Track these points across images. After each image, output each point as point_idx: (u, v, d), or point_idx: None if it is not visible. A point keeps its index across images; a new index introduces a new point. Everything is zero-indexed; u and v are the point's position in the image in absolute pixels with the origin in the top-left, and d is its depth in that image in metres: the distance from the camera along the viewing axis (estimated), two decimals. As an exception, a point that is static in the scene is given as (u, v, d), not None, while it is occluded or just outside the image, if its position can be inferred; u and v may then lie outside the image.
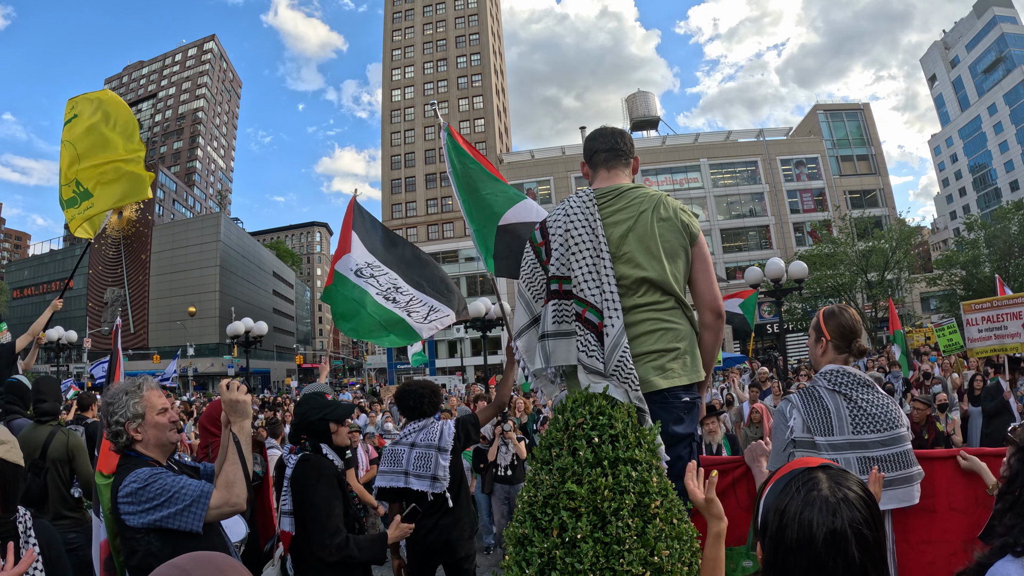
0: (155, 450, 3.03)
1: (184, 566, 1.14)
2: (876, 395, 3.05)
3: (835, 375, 3.11)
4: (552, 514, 2.08)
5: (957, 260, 47.92)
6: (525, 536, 2.13)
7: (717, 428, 8.36)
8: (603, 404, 2.25)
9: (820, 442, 2.97)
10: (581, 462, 2.10)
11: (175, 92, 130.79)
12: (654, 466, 2.18)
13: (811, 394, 3.11)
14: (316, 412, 4.12)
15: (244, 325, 22.97)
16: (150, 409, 3.04)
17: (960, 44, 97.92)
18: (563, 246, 3.02)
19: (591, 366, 2.79)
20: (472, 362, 59.45)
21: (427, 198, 79.32)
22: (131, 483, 2.80)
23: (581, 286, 2.92)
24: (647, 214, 3.06)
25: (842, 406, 3.01)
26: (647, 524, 2.04)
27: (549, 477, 2.15)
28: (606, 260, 2.94)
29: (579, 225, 3.03)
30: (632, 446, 2.15)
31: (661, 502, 2.10)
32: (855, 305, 47.13)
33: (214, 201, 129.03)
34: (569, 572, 1.98)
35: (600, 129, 3.42)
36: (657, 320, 2.99)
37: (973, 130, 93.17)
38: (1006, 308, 10.57)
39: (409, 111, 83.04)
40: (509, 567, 2.14)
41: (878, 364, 19.96)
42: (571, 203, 3.13)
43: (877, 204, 70.82)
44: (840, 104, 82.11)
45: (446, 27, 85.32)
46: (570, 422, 2.22)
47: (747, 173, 73.87)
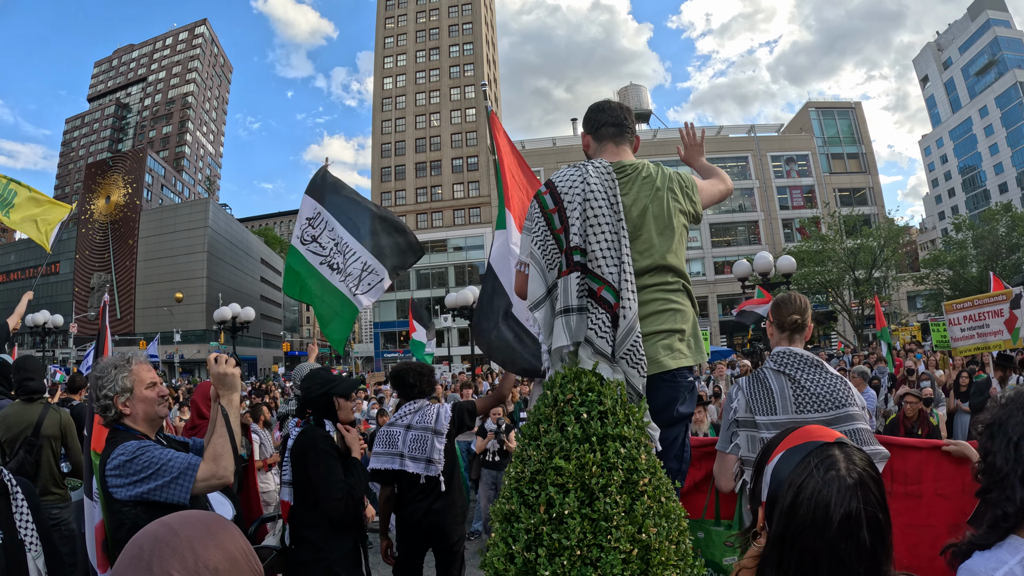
0: (144, 424, 3.02)
1: (172, 524, 1.15)
2: (822, 375, 3.07)
3: (781, 356, 3.17)
4: (539, 490, 2.06)
5: (944, 260, 48.23)
6: (512, 512, 2.11)
7: (704, 417, 8.41)
8: (592, 380, 2.23)
9: (761, 421, 3.03)
10: (569, 438, 2.08)
11: (165, 76, 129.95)
12: (643, 443, 2.17)
13: (757, 376, 3.18)
14: (320, 387, 4.14)
15: (231, 311, 22.93)
16: (139, 383, 3.03)
17: (953, 46, 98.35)
18: (582, 218, 2.87)
19: (600, 348, 2.69)
20: (459, 351, 59.46)
21: (416, 187, 79.24)
22: (119, 456, 2.79)
23: (599, 263, 2.78)
24: (662, 193, 3.03)
25: (786, 386, 3.07)
26: (635, 501, 2.02)
27: (537, 453, 2.13)
28: (625, 240, 2.84)
29: (599, 198, 2.88)
30: (621, 423, 2.13)
31: (649, 479, 2.08)
32: (841, 302, 47.38)
33: (203, 187, 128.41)
34: (556, 548, 1.96)
35: (606, 102, 3.34)
36: (666, 300, 2.98)
37: (964, 132, 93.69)
38: (987, 306, 10.63)
39: (400, 99, 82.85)
40: (496, 544, 2.12)
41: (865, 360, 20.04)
42: (589, 172, 2.96)
43: (866, 202, 71.11)
44: (832, 102, 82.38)
45: (439, 16, 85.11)
46: (559, 398, 2.20)
47: (737, 168, 74.03)
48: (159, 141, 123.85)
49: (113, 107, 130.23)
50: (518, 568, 2.00)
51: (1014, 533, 1.59)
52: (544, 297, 2.92)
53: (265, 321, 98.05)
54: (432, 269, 75.53)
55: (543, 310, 2.91)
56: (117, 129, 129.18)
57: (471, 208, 76.36)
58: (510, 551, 2.04)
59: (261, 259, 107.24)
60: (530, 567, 1.98)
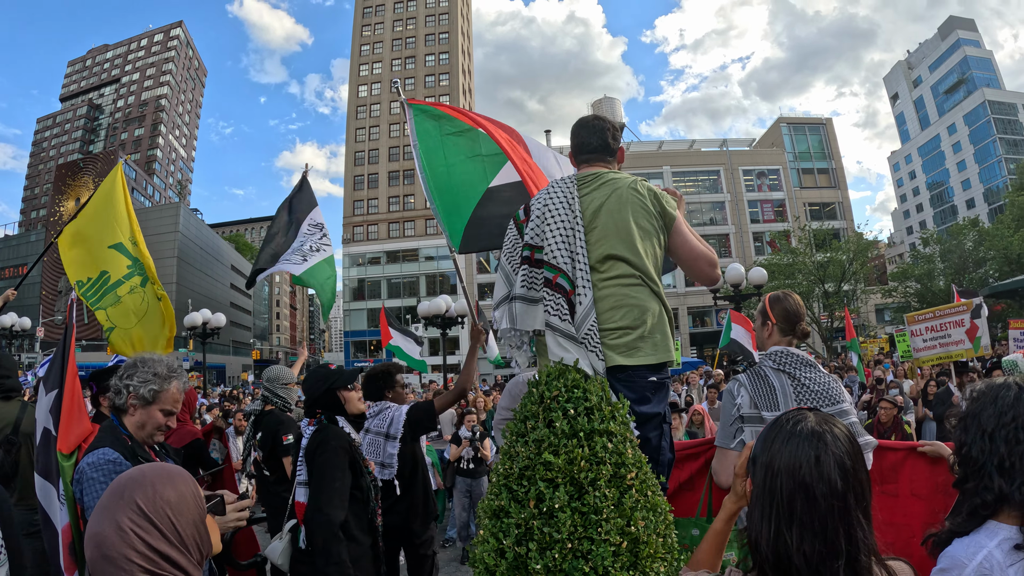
0: (135, 430, 2.99)
1: (144, 469, 1.67)
2: (818, 374, 3.17)
3: (780, 355, 3.22)
4: (529, 485, 2.09)
5: (912, 273, 48.79)
6: (501, 508, 2.13)
7: (679, 425, 8.47)
8: (577, 377, 2.26)
9: (767, 417, 3.06)
10: (557, 433, 2.11)
11: (139, 78, 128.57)
12: (628, 438, 2.20)
13: (758, 373, 3.22)
14: (320, 385, 4.12)
15: (202, 316, 22.69)
16: (160, 402, 3.02)
17: (923, 64, 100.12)
18: (539, 218, 3.08)
19: (563, 329, 2.83)
20: (432, 361, 59.20)
21: (389, 195, 78.99)
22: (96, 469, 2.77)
23: (554, 253, 2.96)
24: (621, 191, 3.10)
25: (786, 384, 3.13)
26: (623, 494, 2.06)
27: (525, 449, 2.16)
28: (580, 232, 2.99)
29: (556, 202, 3.09)
30: (607, 418, 2.17)
31: (636, 473, 2.12)
32: (811, 314, 47.81)
33: (174, 191, 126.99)
34: (547, 542, 1.98)
35: (592, 124, 3.41)
36: (623, 296, 3.00)
37: (932, 148, 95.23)
38: (948, 317, 10.81)
39: (375, 107, 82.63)
40: (485, 539, 2.13)
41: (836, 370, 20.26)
42: (553, 184, 3.21)
43: (836, 217, 71.96)
44: (803, 118, 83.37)
45: (416, 24, 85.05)
46: (545, 395, 2.23)
47: (709, 182, 74.68)
48: (131, 143, 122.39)
49: (85, 108, 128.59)
50: (509, 563, 2.02)
51: (992, 519, 1.67)
52: (505, 297, 3.14)
53: (235, 328, 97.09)
54: (404, 278, 75.32)
55: (502, 307, 3.15)
56: (89, 130, 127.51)
57: (444, 217, 76.21)
58: (500, 546, 2.06)
59: (231, 266, 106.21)
60: (521, 561, 2.00)
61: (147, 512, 1.54)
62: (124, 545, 1.49)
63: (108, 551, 1.49)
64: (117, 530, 1.50)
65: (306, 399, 4.17)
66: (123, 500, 1.54)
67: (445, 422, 12.53)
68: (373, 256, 77.84)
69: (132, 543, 1.50)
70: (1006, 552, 1.60)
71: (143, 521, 1.53)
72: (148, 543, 1.52)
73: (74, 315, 3.85)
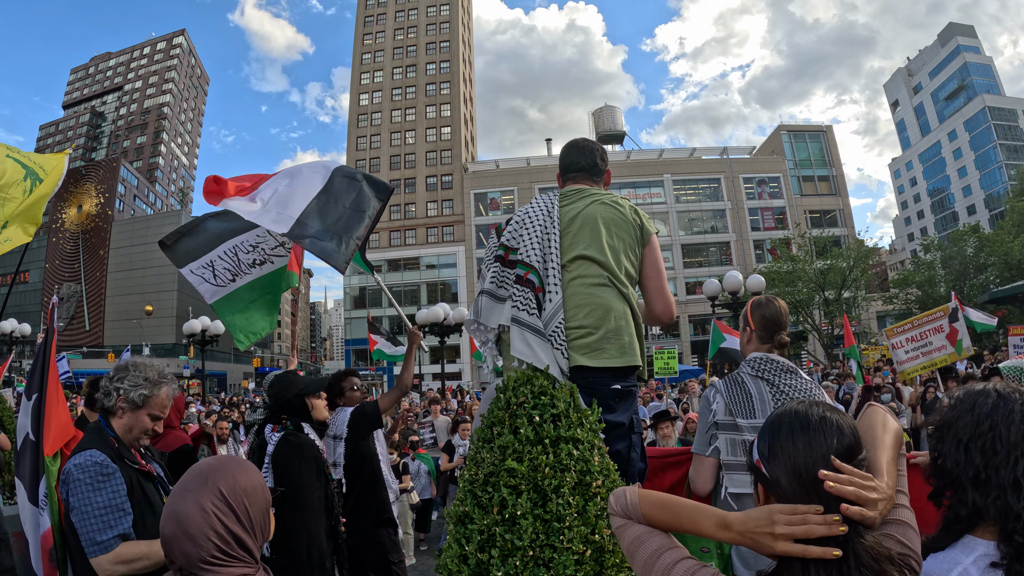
0: (122, 432, 3.00)
1: (221, 459, 1.85)
2: (798, 380, 3.12)
3: (758, 362, 3.18)
4: (492, 491, 2.07)
5: (913, 280, 48.75)
6: (465, 514, 2.12)
7: (671, 432, 8.41)
8: (544, 384, 2.25)
9: (742, 424, 3.04)
10: (522, 440, 2.10)
11: (142, 86, 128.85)
12: (596, 446, 2.19)
13: (735, 380, 3.19)
14: (290, 389, 4.17)
15: (201, 324, 22.68)
16: (148, 407, 3.03)
17: (923, 71, 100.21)
18: (519, 223, 3.12)
19: (531, 323, 2.84)
20: (430, 369, 59.18)
21: (390, 204, 78.95)
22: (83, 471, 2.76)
23: (527, 252, 2.99)
24: (598, 203, 3.14)
25: (765, 391, 3.09)
26: (588, 502, 2.04)
27: (490, 455, 2.14)
28: (555, 236, 3.02)
29: (537, 209, 3.13)
30: (574, 425, 2.15)
31: (603, 481, 2.10)
32: (812, 322, 47.74)
33: (176, 199, 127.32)
34: (509, 548, 1.97)
35: (581, 145, 3.45)
36: (588, 295, 2.99)
37: (933, 155, 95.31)
38: (927, 324, 10.72)
39: (376, 116, 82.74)
40: (449, 545, 2.13)
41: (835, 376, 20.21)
42: (536, 197, 3.24)
43: (836, 224, 71.88)
44: (803, 126, 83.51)
45: (417, 33, 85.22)
46: (512, 401, 2.22)
47: (710, 190, 74.70)
48: (133, 151, 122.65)
49: (88, 115, 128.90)
50: (471, 569, 2.01)
51: (969, 534, 1.60)
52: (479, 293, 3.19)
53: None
54: (404, 287, 75.26)
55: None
56: (91, 138, 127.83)
57: (444, 226, 76.25)
58: (464, 552, 2.05)
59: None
60: (483, 568, 1.99)
61: (227, 497, 1.71)
62: (205, 525, 1.66)
63: (190, 528, 1.66)
64: (200, 511, 1.67)
65: (273, 404, 4.19)
66: (207, 485, 1.71)
67: (440, 430, 12.51)
68: (374, 264, 77.69)
69: (212, 524, 1.67)
70: (982, 569, 1.53)
71: (223, 505, 1.70)
72: (226, 525, 1.69)
73: (55, 320, 3.84)
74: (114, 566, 2.67)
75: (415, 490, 9.43)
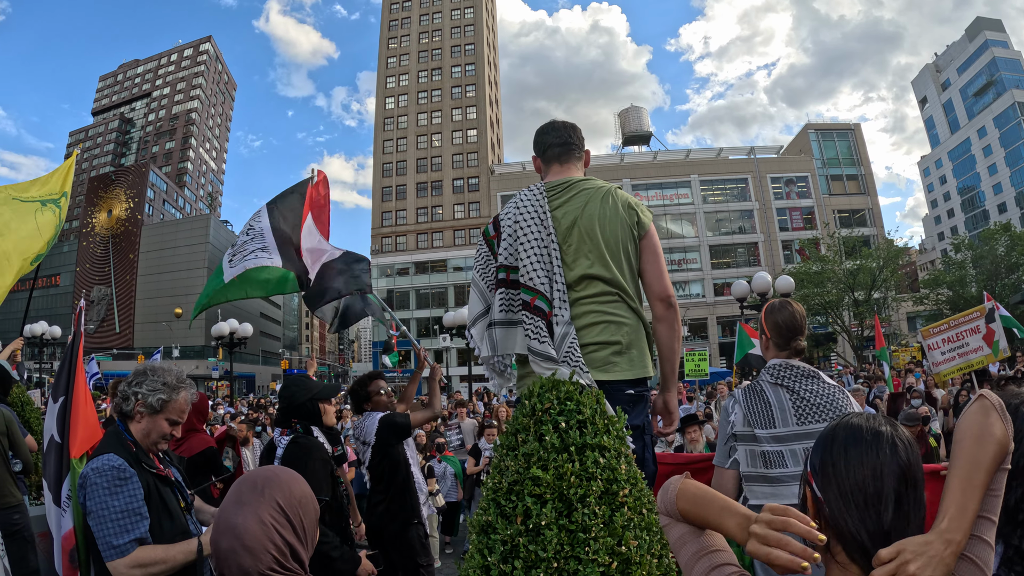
0: (140, 438, 3.00)
1: (275, 469, 1.88)
2: (820, 385, 3.03)
3: (778, 369, 3.11)
4: (516, 501, 2.02)
5: (944, 280, 48.18)
6: (489, 523, 2.07)
7: (699, 437, 8.32)
8: (571, 390, 2.19)
9: (760, 435, 2.97)
10: (547, 447, 2.04)
11: (169, 92, 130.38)
12: (623, 453, 2.12)
13: (753, 389, 3.12)
14: (304, 393, 4.21)
15: (229, 326, 22.93)
16: (167, 411, 3.03)
17: (951, 67, 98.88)
18: (511, 236, 3.07)
19: (544, 352, 2.81)
20: (458, 372, 59.26)
21: (418, 207, 79.33)
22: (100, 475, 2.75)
23: (530, 275, 2.95)
24: (593, 205, 3.08)
25: (785, 399, 3.01)
26: (615, 512, 1.97)
27: (514, 463, 2.09)
28: (555, 252, 2.98)
29: (528, 217, 3.06)
30: (600, 432, 2.09)
31: (630, 490, 2.04)
32: (841, 323, 47.29)
33: (204, 203, 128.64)
34: (533, 560, 1.91)
35: (551, 123, 3.42)
36: (600, 312, 2.98)
37: (962, 152, 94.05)
38: (964, 325, 10.53)
39: (403, 119, 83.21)
40: (472, 555, 2.07)
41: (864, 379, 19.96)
42: (522, 196, 3.17)
43: (866, 224, 71.25)
44: (831, 124, 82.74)
45: (442, 36, 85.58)
46: (537, 407, 2.16)
47: (737, 190, 74.29)
48: (162, 156, 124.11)
49: (117, 121, 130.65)
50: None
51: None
52: (481, 314, 3.15)
53: (264, 338, 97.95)
54: (432, 289, 75.51)
55: (479, 326, 3.15)
56: (120, 143, 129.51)
57: (471, 228, 76.44)
58: (486, 563, 2.00)
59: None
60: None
61: (284, 508, 1.74)
62: (265, 537, 1.68)
63: (249, 541, 1.66)
64: (259, 523, 1.68)
65: (285, 406, 4.20)
66: (264, 497, 1.72)
67: (467, 432, 12.48)
68: (402, 267, 78.13)
69: (271, 536, 1.69)
70: None
71: (281, 517, 1.72)
72: (284, 537, 1.71)
73: (82, 324, 3.86)
74: (130, 570, 2.66)
75: (440, 493, 9.41)
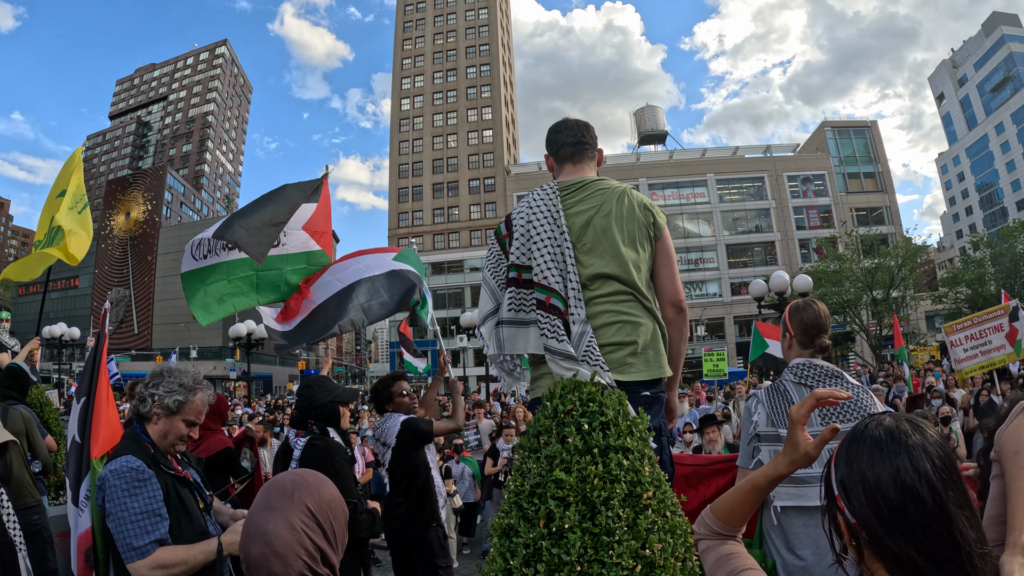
0: (158, 439, 3.00)
1: (303, 473, 1.86)
2: (844, 385, 3.01)
3: (801, 368, 3.09)
4: (539, 503, 2.00)
5: (963, 278, 47.75)
6: (510, 527, 2.04)
7: (718, 437, 8.28)
8: (593, 391, 2.16)
9: (784, 435, 2.90)
10: (570, 449, 2.02)
11: (186, 95, 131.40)
12: (646, 455, 2.10)
13: (777, 388, 3.10)
14: (326, 395, 4.23)
15: (246, 327, 23.01)
16: (184, 413, 3.03)
17: (968, 63, 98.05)
18: (524, 235, 3.03)
19: (563, 351, 2.78)
20: (475, 372, 59.29)
21: (434, 207, 79.45)
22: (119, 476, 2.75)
23: (544, 274, 2.92)
24: (608, 204, 3.04)
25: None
26: (639, 515, 1.95)
27: (537, 465, 2.07)
28: (569, 250, 2.94)
29: (540, 216, 3.03)
30: (624, 434, 2.06)
31: (654, 492, 2.01)
32: (859, 322, 46.97)
33: (221, 205, 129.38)
34: (555, 563, 1.89)
35: (564, 121, 3.39)
36: (615, 312, 2.94)
37: (980, 149, 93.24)
38: (987, 323, 10.44)
39: (418, 120, 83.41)
40: (493, 559, 2.05)
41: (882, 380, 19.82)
42: (535, 195, 3.13)
43: (883, 222, 70.71)
44: (848, 121, 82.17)
45: (456, 37, 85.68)
46: (559, 409, 2.14)
47: (753, 189, 73.92)
48: (179, 159, 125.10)
49: (134, 125, 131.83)
50: (516, 584, 1.94)
51: None
52: (491, 313, 3.14)
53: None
54: (448, 289, 75.54)
55: (488, 324, 3.14)
56: (138, 147, 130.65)
57: (488, 229, 76.42)
58: (508, 566, 1.98)
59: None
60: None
61: (315, 513, 1.74)
62: (295, 543, 1.67)
63: (280, 547, 1.66)
64: (290, 529, 1.68)
65: (305, 406, 4.19)
66: (293, 502, 1.72)
67: (484, 433, 12.47)
68: (419, 265, 78.18)
69: (303, 541, 1.68)
70: None
71: (311, 522, 1.72)
72: (314, 542, 1.71)
73: (107, 325, 3.87)
74: (151, 571, 2.66)
75: (458, 494, 9.41)
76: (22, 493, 4.93)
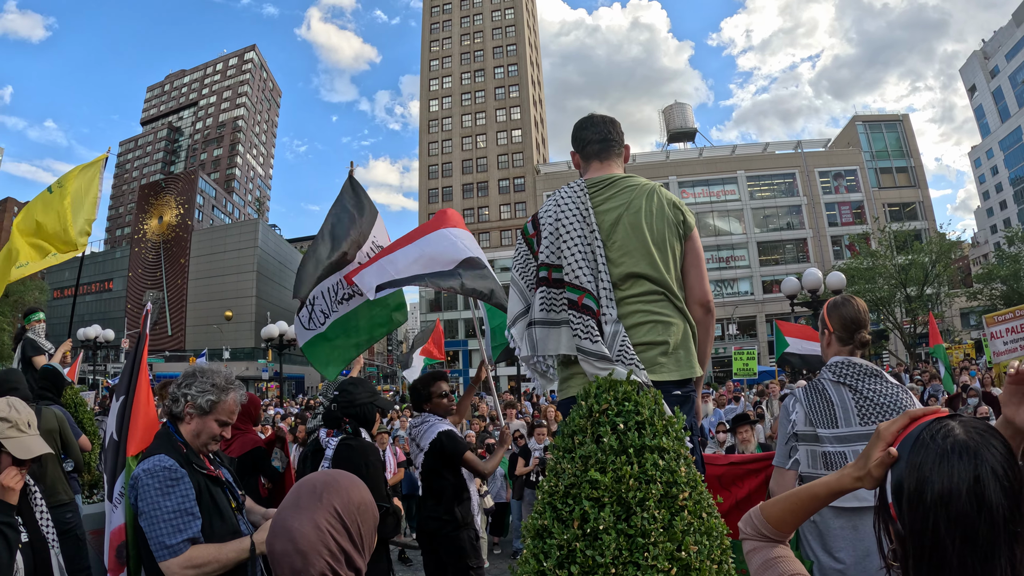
0: (190, 439, 3.03)
1: (333, 474, 1.84)
2: (884, 384, 2.94)
3: (840, 367, 3.03)
4: (573, 504, 1.97)
5: (998, 274, 46.86)
6: (544, 528, 2.02)
7: (751, 437, 8.19)
8: (628, 390, 2.13)
9: (823, 435, 2.89)
10: (605, 449, 1.99)
11: (216, 100, 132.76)
12: (682, 455, 2.06)
13: (815, 387, 3.05)
14: (368, 396, 4.22)
15: (278, 328, 23.15)
16: (216, 412, 3.06)
17: (999, 54, 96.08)
18: (553, 234, 2.98)
19: (597, 351, 2.73)
20: (506, 372, 59.30)
21: (464, 208, 79.52)
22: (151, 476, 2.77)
23: (576, 273, 2.87)
24: (638, 202, 2.99)
25: (847, 398, 2.93)
26: (674, 516, 1.92)
27: (571, 466, 2.04)
28: (599, 249, 2.90)
29: (569, 214, 2.98)
30: (659, 434, 2.03)
31: (690, 493, 1.98)
32: (893, 320, 46.34)
33: (252, 208, 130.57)
34: (590, 565, 1.86)
35: (590, 118, 3.34)
36: (647, 312, 2.90)
37: (1014, 141, 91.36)
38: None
39: (447, 121, 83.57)
40: (527, 560, 2.03)
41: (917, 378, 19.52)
42: (562, 193, 3.08)
43: (916, 217, 69.67)
44: (879, 115, 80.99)
45: (483, 38, 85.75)
46: (594, 408, 2.11)
47: (784, 185, 73.19)
48: (210, 163, 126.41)
49: (165, 130, 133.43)
50: (551, 586, 1.91)
51: None
52: (521, 314, 3.10)
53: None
54: (479, 289, 75.53)
55: (519, 325, 3.10)
56: (169, 152, 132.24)
57: (518, 229, 76.29)
58: (542, 568, 1.95)
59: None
60: (563, 585, 1.89)
61: (342, 515, 1.73)
62: (319, 543, 1.67)
63: (303, 545, 1.67)
64: (315, 528, 1.68)
65: (344, 406, 4.18)
66: (321, 503, 1.72)
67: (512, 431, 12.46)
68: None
69: (327, 542, 1.68)
70: None
71: (337, 523, 1.71)
72: (339, 543, 1.70)
73: (148, 325, 3.90)
74: (184, 570, 2.67)
75: (489, 494, 9.39)
76: (55, 491, 5.00)
